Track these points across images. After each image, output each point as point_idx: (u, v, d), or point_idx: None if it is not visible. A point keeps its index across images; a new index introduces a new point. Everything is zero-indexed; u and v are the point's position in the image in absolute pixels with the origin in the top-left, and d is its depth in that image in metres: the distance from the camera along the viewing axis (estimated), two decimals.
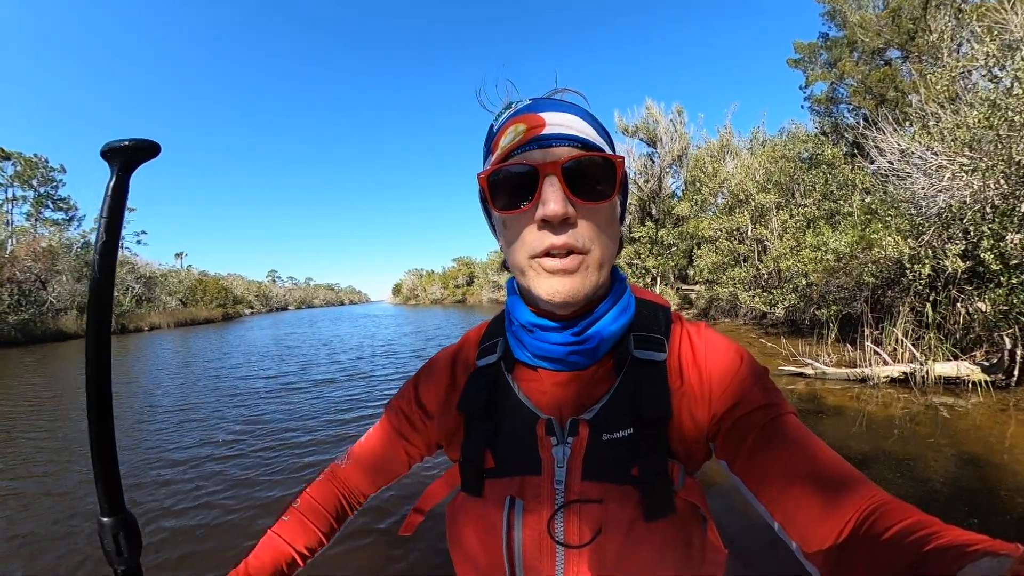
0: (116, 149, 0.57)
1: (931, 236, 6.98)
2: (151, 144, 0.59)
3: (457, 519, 0.67)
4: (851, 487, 0.48)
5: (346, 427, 5.75)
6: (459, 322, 25.51)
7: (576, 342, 0.60)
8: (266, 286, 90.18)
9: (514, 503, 0.60)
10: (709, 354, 0.63)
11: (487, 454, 0.64)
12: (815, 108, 16.52)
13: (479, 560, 0.64)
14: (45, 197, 38.52)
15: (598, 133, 0.60)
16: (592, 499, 0.58)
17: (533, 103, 0.60)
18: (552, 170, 0.53)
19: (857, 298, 8.06)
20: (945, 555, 0.35)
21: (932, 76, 8.29)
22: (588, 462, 0.59)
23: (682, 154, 22.49)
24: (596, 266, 0.57)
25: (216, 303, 45.41)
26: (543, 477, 0.60)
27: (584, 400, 0.62)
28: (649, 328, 0.65)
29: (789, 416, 0.56)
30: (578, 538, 0.58)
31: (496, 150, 0.59)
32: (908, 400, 5.33)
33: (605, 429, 0.59)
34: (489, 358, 0.69)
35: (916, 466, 3.69)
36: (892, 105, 11.34)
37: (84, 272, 27.85)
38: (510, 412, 0.65)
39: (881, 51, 13.30)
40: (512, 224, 0.58)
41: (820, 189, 11.91)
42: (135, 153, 0.58)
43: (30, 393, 8.64)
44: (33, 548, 3.16)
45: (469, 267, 64.52)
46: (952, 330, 6.29)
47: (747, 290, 12.69)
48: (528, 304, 0.64)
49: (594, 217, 0.57)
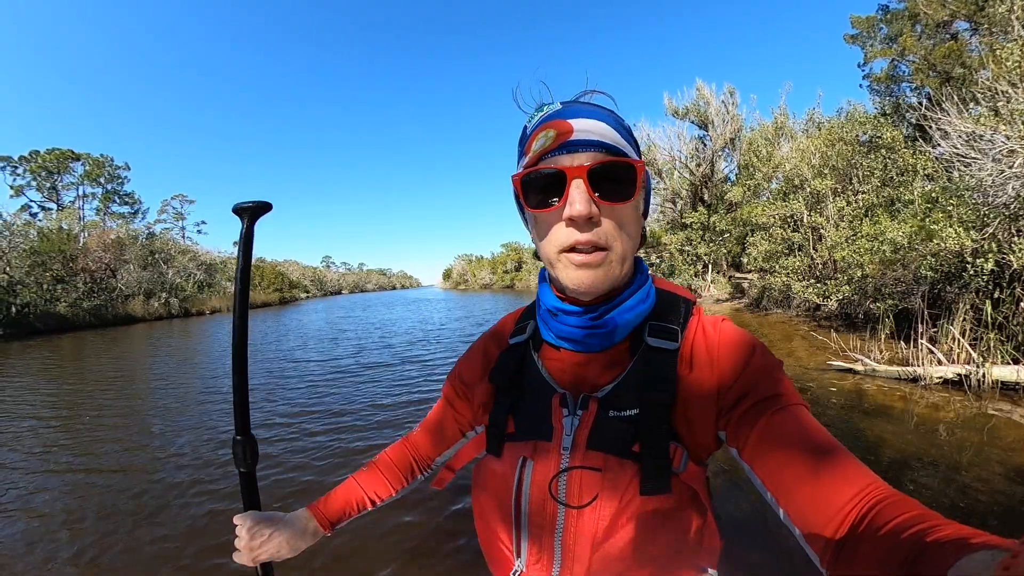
0: (244, 208, 0.85)
1: (996, 228, 6.55)
2: (267, 204, 0.87)
3: (480, 476, 0.77)
4: (855, 479, 0.50)
5: (395, 412, 6.02)
6: (508, 307, 25.73)
7: (593, 326, 0.68)
8: (320, 271, 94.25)
9: (525, 463, 0.69)
10: (722, 346, 0.67)
11: (510, 420, 0.74)
12: (874, 87, 15.49)
13: (493, 512, 0.73)
14: (112, 193, 42.24)
15: (622, 137, 0.66)
16: (593, 467, 0.64)
17: (563, 108, 0.67)
18: (578, 174, 0.60)
19: (914, 292, 7.66)
20: (944, 548, 0.37)
21: (1003, 51, 7.69)
22: (594, 434, 0.66)
23: (734, 137, 21.69)
24: (618, 260, 0.65)
25: (273, 288, 47.87)
26: (553, 443, 0.68)
27: (599, 379, 0.70)
28: (666, 318, 0.71)
29: (798, 407, 0.60)
30: (577, 500, 0.65)
31: (529, 152, 0.66)
32: (961, 404, 5.10)
33: (613, 407, 0.67)
34: (519, 337, 0.80)
35: (961, 475, 3.58)
36: (958, 84, 10.54)
37: (149, 261, 30.32)
38: (533, 385, 0.75)
39: (946, 24, 12.29)
40: (543, 221, 0.66)
41: (879, 175, 11.27)
42: (257, 210, 0.86)
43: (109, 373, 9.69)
44: None
45: (518, 253, 64.62)
46: (1015, 331, 5.91)
47: (800, 280, 12.24)
48: (556, 291, 0.73)
49: (616, 216, 0.63)
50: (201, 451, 4.83)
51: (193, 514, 3.52)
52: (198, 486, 4.00)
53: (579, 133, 0.62)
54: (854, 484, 0.50)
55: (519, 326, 0.83)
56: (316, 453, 4.66)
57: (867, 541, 0.45)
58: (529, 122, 0.70)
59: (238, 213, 0.85)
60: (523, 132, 0.71)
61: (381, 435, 5.12)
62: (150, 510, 3.62)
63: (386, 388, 7.36)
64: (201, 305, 31.79)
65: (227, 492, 3.85)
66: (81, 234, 28.95)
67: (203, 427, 5.64)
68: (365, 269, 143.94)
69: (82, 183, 40.85)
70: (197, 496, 3.81)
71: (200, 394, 7.44)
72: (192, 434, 5.39)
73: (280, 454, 4.65)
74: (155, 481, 4.14)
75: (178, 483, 4.08)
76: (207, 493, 3.87)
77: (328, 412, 6.08)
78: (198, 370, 9.79)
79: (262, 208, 0.86)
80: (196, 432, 5.45)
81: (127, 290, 27.79)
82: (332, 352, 11.53)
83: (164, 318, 28.31)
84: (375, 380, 8.00)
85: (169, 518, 3.49)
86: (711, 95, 21.95)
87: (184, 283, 32.76)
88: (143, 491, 3.95)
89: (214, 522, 3.39)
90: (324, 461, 4.46)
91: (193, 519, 3.45)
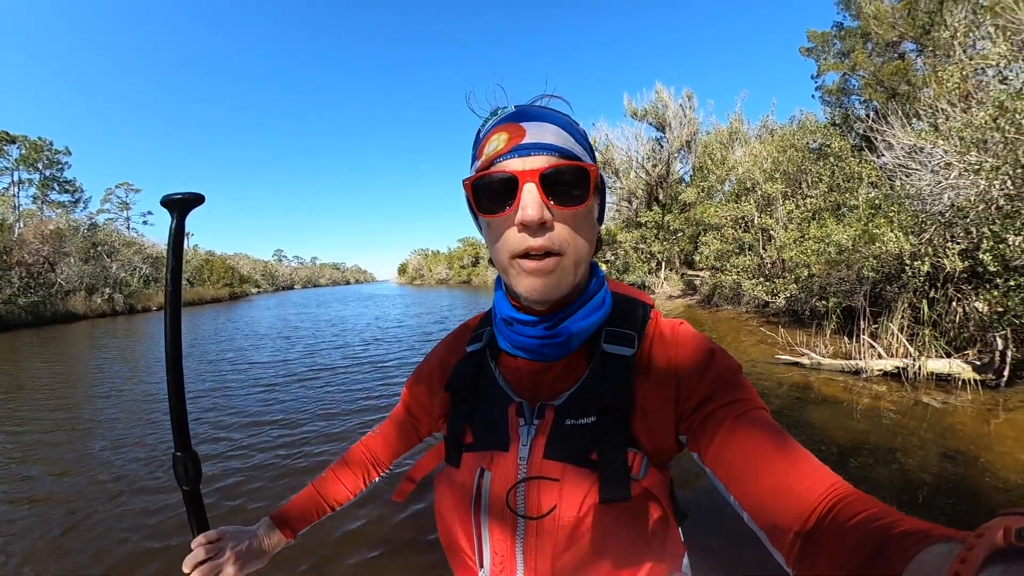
0: (174, 200, 0.78)
1: (933, 234, 7.08)
2: (199, 196, 0.80)
3: (440, 486, 0.75)
4: (816, 479, 0.51)
5: (352, 422, 5.51)
6: (466, 303, 25.58)
7: (547, 336, 0.67)
8: (272, 265, 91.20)
9: (483, 474, 0.68)
10: (680, 350, 0.67)
11: (467, 430, 0.72)
12: (826, 98, 16.36)
13: (454, 522, 0.72)
14: (51, 180, 38.79)
15: (576, 141, 0.64)
16: (550, 477, 0.63)
17: (516, 112, 0.65)
18: (530, 178, 0.59)
19: (857, 291, 8.18)
20: (903, 541, 0.38)
21: (944, 73, 8.28)
22: (550, 443, 0.65)
23: (691, 140, 22.32)
24: (572, 266, 0.63)
25: (223, 283, 45.89)
26: (509, 453, 0.67)
27: (555, 388, 0.69)
28: (622, 324, 0.70)
29: (758, 411, 0.59)
30: (536, 510, 0.63)
31: (481, 156, 0.64)
32: (899, 394, 5.53)
33: (570, 415, 0.66)
34: (476, 345, 0.78)
35: (902, 458, 3.89)
36: (903, 100, 11.29)
37: (91, 253, 28.35)
38: (490, 394, 0.73)
39: (895, 44, 13.15)
40: (495, 227, 0.63)
41: (827, 181, 11.92)
42: (188, 203, 0.79)
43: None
44: None
45: (475, 248, 64.27)
46: (947, 328, 6.45)
47: (750, 278, 12.81)
48: (511, 298, 0.72)
49: (570, 221, 0.61)
50: (143, 473, 4.25)
51: (131, 551, 3.07)
52: (140, 518, 3.47)
53: (532, 136, 0.61)
54: (816, 484, 0.50)
55: (476, 333, 0.81)
56: (265, 475, 4.13)
57: (831, 539, 0.45)
58: (483, 126, 0.68)
59: (167, 206, 0.78)
60: (477, 136, 0.69)
61: (337, 450, 4.60)
62: (81, 549, 3.11)
63: (343, 394, 6.83)
64: (147, 301, 29.96)
65: (174, 525, 3.34)
66: (16, 224, 26.73)
67: (149, 443, 5.02)
68: (318, 263, 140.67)
69: (17, 168, 36.94)
70: (136, 531, 3.30)
71: (145, 402, 6.73)
72: (137, 451, 4.78)
73: (223, 474, 4.15)
74: (90, 513, 3.57)
75: (118, 513, 3.54)
76: (145, 528, 3.33)
77: (279, 423, 5.54)
78: (144, 374, 9.01)
79: (194, 201, 0.80)
80: (143, 450, 4.83)
81: (67, 285, 25.85)
82: (285, 354, 10.84)
83: (108, 315, 26.48)
84: (330, 384, 7.47)
85: (104, 557, 3.03)
86: (669, 98, 22.48)
87: (129, 278, 30.89)
88: (73, 525, 3.40)
89: (156, 558, 2.99)
90: (275, 483, 3.98)
91: (130, 556, 3.03)
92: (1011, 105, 6.02)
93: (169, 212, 0.79)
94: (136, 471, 4.32)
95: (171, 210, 0.79)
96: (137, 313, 28.07)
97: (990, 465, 3.71)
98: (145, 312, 28.53)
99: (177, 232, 0.79)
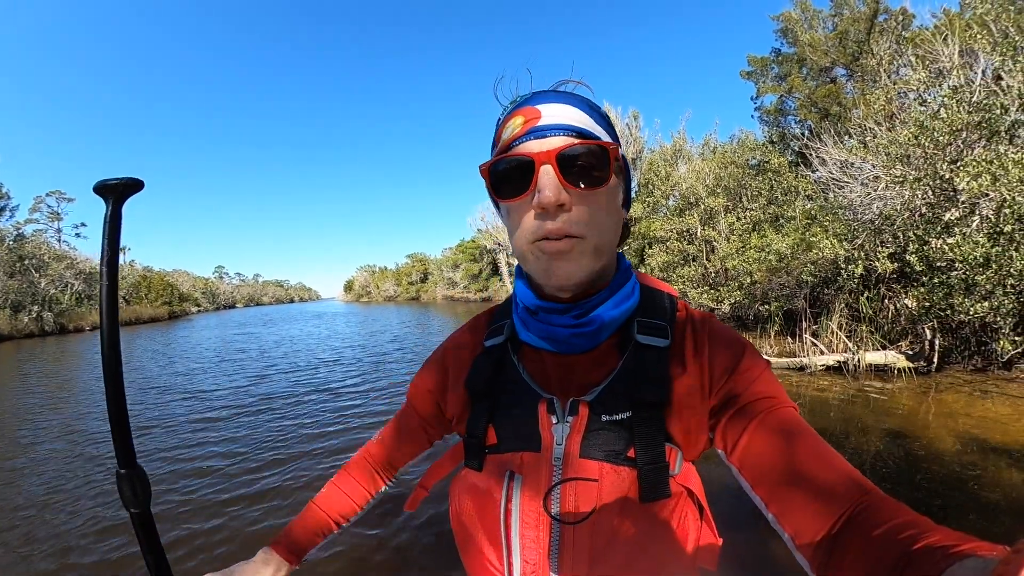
0: (109, 186, 0.69)
1: (864, 240, 7.67)
2: (137, 181, 0.71)
3: (460, 493, 0.70)
4: (844, 482, 0.49)
5: (314, 467, 4.29)
6: (418, 318, 24.45)
7: (577, 324, 0.63)
8: (213, 283, 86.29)
9: (513, 477, 0.63)
10: (712, 344, 0.64)
11: (490, 430, 0.67)
12: (764, 118, 17.50)
13: (478, 531, 0.67)
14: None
15: (596, 121, 0.62)
16: (588, 477, 0.60)
17: (532, 96, 0.63)
18: (547, 159, 0.56)
19: (797, 295, 8.71)
20: (933, 554, 0.36)
21: (871, 96, 9.05)
22: (586, 441, 0.60)
23: (636, 157, 23.15)
24: (592, 250, 0.59)
25: (161, 301, 42.88)
26: (542, 454, 0.62)
27: (586, 381, 0.64)
28: (653, 315, 0.66)
29: (787, 409, 0.57)
30: (574, 514, 0.60)
31: (499, 142, 0.62)
32: (842, 385, 5.89)
33: (604, 410, 0.61)
34: (496, 339, 0.72)
35: (848, 441, 4.14)
36: (835, 119, 12.25)
37: (17, 267, 25.74)
38: (514, 391, 0.67)
39: (828, 69, 14.33)
40: (514, 212, 0.61)
41: (766, 195, 12.69)
42: (125, 189, 0.70)
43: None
44: None
45: (423, 264, 63.26)
46: (881, 323, 6.98)
47: (696, 287, 13.34)
48: (533, 289, 0.67)
49: (590, 203, 0.58)
50: (82, 534, 3.24)
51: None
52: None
53: (548, 118, 0.59)
54: (844, 488, 0.48)
55: (494, 327, 0.75)
56: (212, 541, 3.15)
57: (855, 548, 0.44)
58: (502, 114, 0.66)
59: (101, 193, 0.70)
60: (497, 124, 0.67)
61: (297, 505, 3.47)
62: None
63: (300, 429, 5.50)
64: (80, 320, 27.30)
65: None
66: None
67: (89, 488, 3.98)
68: (261, 281, 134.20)
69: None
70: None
71: (83, 442, 5.35)
72: (72, 498, 3.79)
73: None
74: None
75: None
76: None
77: (223, 473, 4.26)
78: (77, 403, 7.51)
79: (131, 186, 0.71)
80: (83, 496, 3.82)
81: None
82: (230, 381, 8.86)
83: (36, 335, 23.96)
84: (285, 418, 6.00)
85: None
86: (617, 118, 23.23)
87: (60, 295, 28.06)
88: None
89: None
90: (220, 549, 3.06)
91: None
92: (929, 124, 6.66)
93: (104, 199, 0.70)
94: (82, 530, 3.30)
95: (105, 197, 0.70)
96: (69, 333, 25.52)
97: (926, 439, 4.02)
98: (78, 332, 25.99)
99: (113, 220, 0.70)
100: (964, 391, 5.27)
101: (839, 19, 14.09)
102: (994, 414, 4.51)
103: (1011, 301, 5.14)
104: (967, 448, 3.81)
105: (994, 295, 5.22)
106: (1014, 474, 3.34)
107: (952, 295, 5.55)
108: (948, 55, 7.82)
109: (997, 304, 5.20)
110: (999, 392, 5.14)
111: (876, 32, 11.21)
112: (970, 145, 6.58)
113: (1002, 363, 5.73)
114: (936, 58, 7.98)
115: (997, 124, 6.09)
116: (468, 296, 43.16)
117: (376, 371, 9.24)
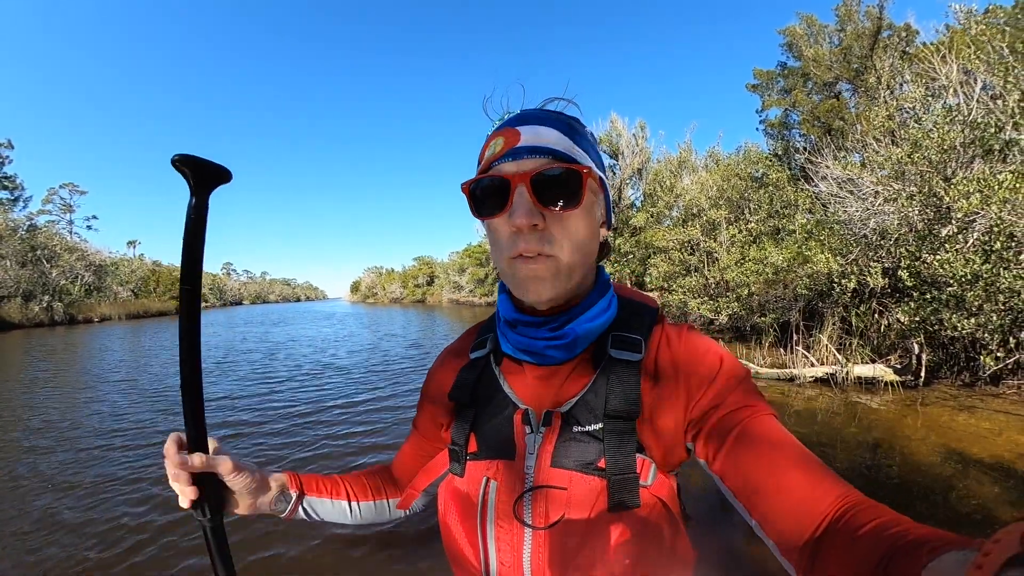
0: (197, 165, 0.61)
1: (858, 255, 7.73)
2: (225, 170, 0.65)
3: (445, 496, 0.73)
4: (826, 486, 0.50)
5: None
6: (425, 322, 23.99)
7: (552, 337, 0.66)
8: (221, 279, 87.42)
9: (489, 484, 0.66)
10: (688, 356, 0.66)
11: (472, 438, 0.70)
12: (768, 131, 17.59)
13: (460, 533, 0.70)
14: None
15: (575, 143, 0.64)
16: (557, 486, 0.62)
17: (516, 116, 0.66)
18: (521, 181, 0.59)
19: (792, 307, 8.76)
20: (916, 549, 0.37)
21: (871, 113, 9.12)
22: (558, 451, 0.63)
23: (642, 167, 23.23)
24: (566, 269, 0.62)
25: (169, 295, 43.30)
26: (516, 462, 0.65)
27: (562, 394, 0.67)
28: (629, 328, 0.69)
29: (767, 417, 0.59)
30: (544, 520, 0.62)
31: (482, 161, 0.66)
32: (830, 397, 5.93)
33: (577, 422, 0.64)
34: (480, 351, 0.77)
35: (834, 451, 4.19)
36: (838, 134, 12.31)
37: (29, 257, 26.23)
38: (495, 401, 0.71)
39: (832, 84, 14.41)
40: (492, 229, 0.64)
41: (766, 208, 12.74)
42: (212, 177, 0.64)
43: None
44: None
45: (430, 267, 63.21)
46: (872, 337, 7.03)
47: (695, 298, 13.38)
48: (514, 302, 0.71)
49: (564, 222, 0.61)
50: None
51: None
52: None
53: (526, 140, 0.62)
54: (826, 493, 0.50)
55: (479, 340, 0.80)
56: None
57: (840, 548, 0.44)
58: (489, 133, 0.70)
59: (183, 169, 0.60)
60: (485, 141, 0.70)
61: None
62: None
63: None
64: (89, 311, 27.99)
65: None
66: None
67: (101, 491, 3.72)
68: (268, 278, 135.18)
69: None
70: None
71: (98, 435, 4.81)
72: (84, 504, 3.53)
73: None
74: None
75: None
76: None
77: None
78: (87, 395, 7.21)
79: (219, 175, 0.64)
80: (94, 502, 3.56)
81: (2, 291, 24.01)
82: (242, 388, 7.67)
83: (46, 325, 24.42)
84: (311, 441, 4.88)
85: None
86: (623, 128, 23.35)
87: (70, 285, 28.73)
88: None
89: None
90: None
91: None
92: (923, 143, 6.72)
93: (186, 180, 0.61)
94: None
95: (189, 179, 0.61)
96: (78, 324, 25.95)
97: (909, 452, 4.07)
98: (87, 323, 26.43)
99: (198, 211, 0.62)
100: (949, 405, 5.31)
101: (843, 34, 14.23)
102: (976, 428, 4.54)
103: (999, 317, 5.19)
104: (947, 461, 3.86)
105: (983, 311, 5.27)
106: (991, 487, 3.39)
107: (941, 311, 5.61)
108: (946, 73, 7.88)
109: (984, 320, 5.25)
110: (983, 407, 5.17)
111: (879, 48, 11.29)
112: (965, 164, 6.63)
113: (988, 379, 5.76)
114: (934, 76, 8.05)
115: (991, 142, 6.16)
116: (473, 300, 43.20)
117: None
